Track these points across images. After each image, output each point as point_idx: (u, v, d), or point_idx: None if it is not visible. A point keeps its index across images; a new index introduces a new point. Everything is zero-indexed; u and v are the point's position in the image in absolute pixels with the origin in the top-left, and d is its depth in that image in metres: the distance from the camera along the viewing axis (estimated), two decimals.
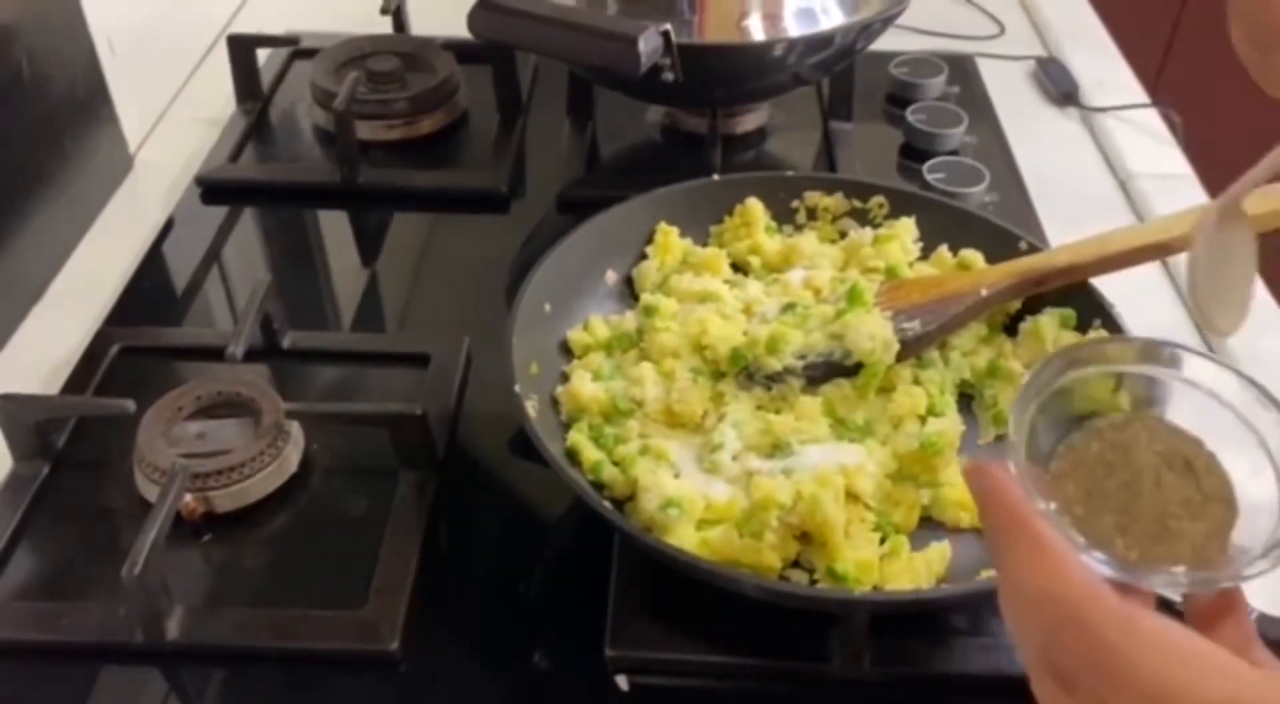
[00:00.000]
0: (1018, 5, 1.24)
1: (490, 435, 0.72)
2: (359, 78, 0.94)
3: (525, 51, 1.01)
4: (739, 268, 0.77)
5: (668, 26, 0.75)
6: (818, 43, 0.85)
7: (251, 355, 0.71)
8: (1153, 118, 1.04)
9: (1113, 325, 0.67)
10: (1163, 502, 0.37)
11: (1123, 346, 0.41)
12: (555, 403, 0.67)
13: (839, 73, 0.96)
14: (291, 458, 0.67)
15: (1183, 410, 0.39)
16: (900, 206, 0.78)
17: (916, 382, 0.67)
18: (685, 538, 0.59)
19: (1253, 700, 0.29)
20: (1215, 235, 0.37)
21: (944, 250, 0.75)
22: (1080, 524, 0.36)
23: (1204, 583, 0.35)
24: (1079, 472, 0.38)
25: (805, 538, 0.59)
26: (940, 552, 0.60)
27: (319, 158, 0.97)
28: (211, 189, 0.93)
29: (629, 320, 0.72)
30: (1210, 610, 0.35)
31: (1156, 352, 0.40)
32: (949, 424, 0.64)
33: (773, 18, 0.87)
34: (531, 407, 0.62)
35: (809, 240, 0.77)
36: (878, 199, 0.78)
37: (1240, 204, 0.39)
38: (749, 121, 1.00)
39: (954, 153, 0.96)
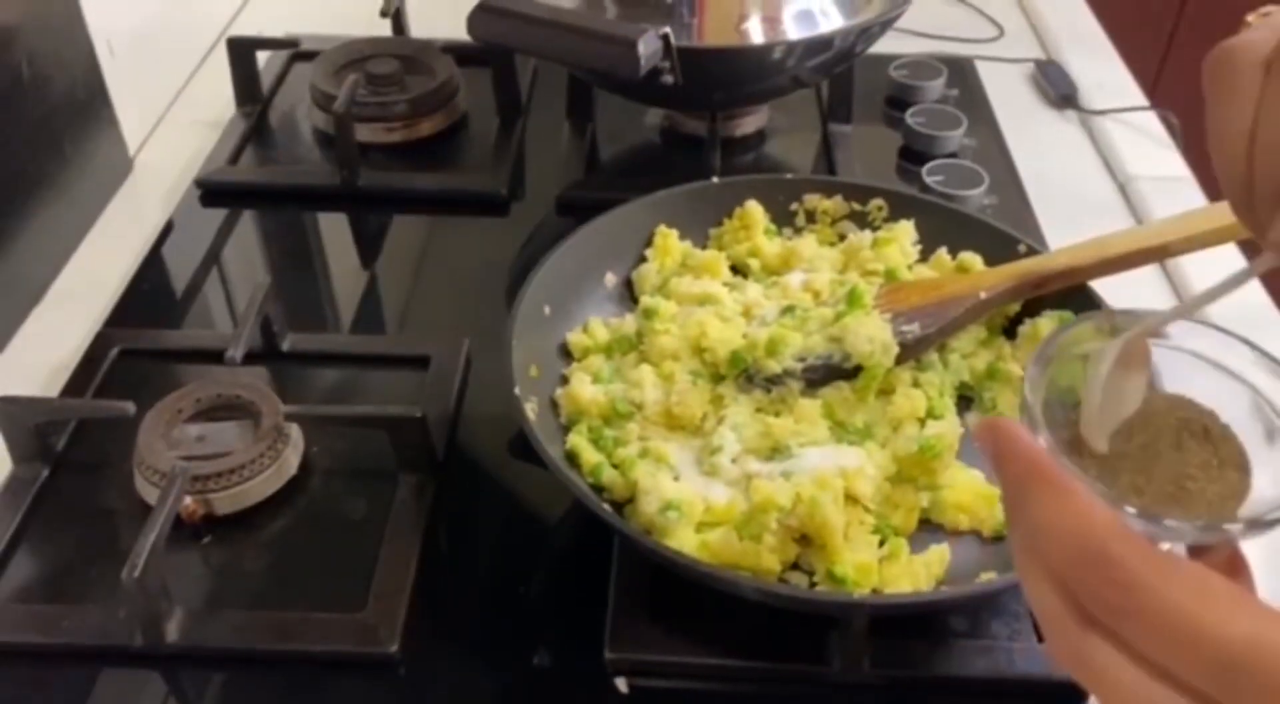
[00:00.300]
0: (1016, 8, 1.24)
1: (490, 437, 0.72)
2: (359, 80, 0.94)
3: (525, 54, 1.01)
4: (738, 270, 0.77)
5: (667, 30, 0.75)
6: (817, 46, 0.86)
7: (251, 358, 0.71)
8: (1151, 120, 1.05)
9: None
10: (1181, 463, 0.37)
11: (1133, 318, 0.41)
12: (555, 405, 0.67)
13: (838, 75, 0.96)
14: (291, 460, 0.67)
15: (1194, 383, 0.39)
16: (899, 209, 0.78)
17: (916, 384, 0.67)
18: (685, 540, 0.59)
19: (1276, 637, 0.28)
20: (1114, 375, 0.38)
21: (943, 253, 0.75)
22: (1098, 481, 0.36)
23: (1220, 533, 0.35)
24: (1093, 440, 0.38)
25: (805, 540, 0.59)
26: (939, 554, 0.60)
27: (319, 160, 0.97)
28: (211, 191, 0.93)
29: (628, 323, 0.72)
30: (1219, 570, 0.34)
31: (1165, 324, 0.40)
32: (948, 427, 0.64)
33: (772, 21, 0.87)
34: (531, 409, 0.63)
35: (808, 243, 0.77)
36: (877, 202, 0.79)
37: (1140, 347, 0.39)
38: (748, 124, 1.00)
39: (953, 155, 0.97)
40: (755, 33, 0.87)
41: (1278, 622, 0.29)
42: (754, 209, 0.78)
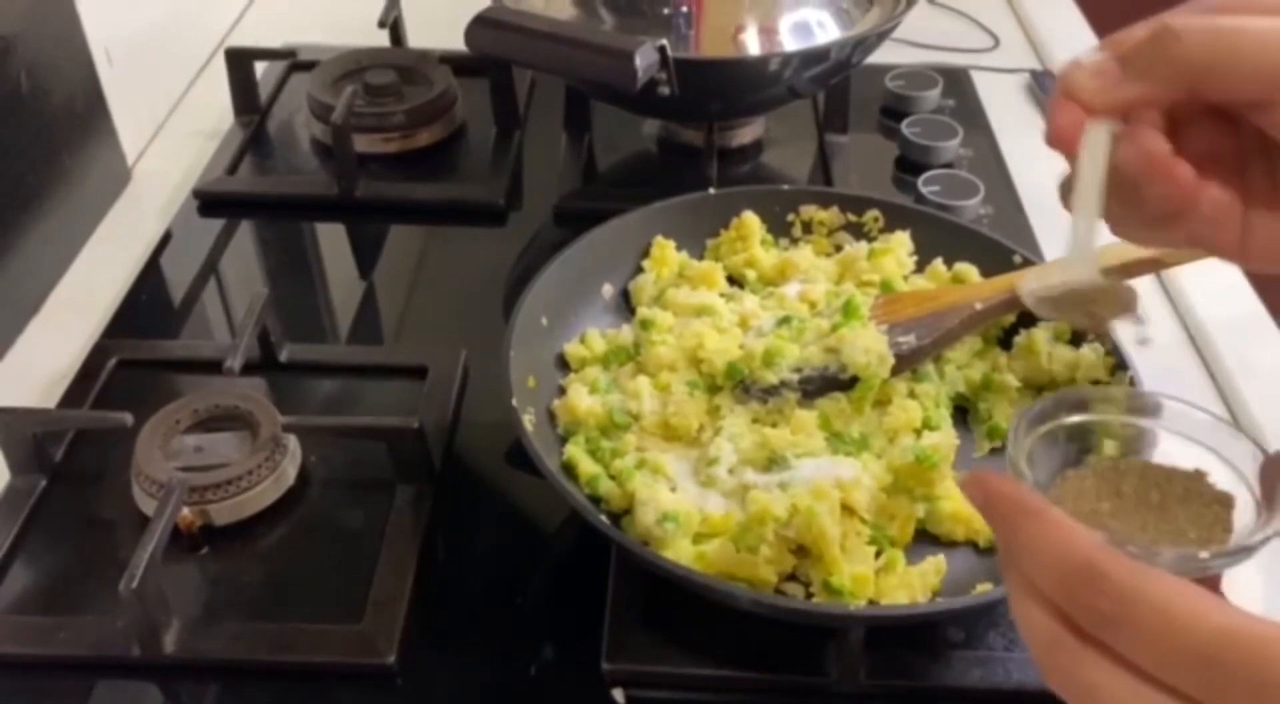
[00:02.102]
0: (1012, 18, 1.25)
1: (487, 447, 0.72)
2: (356, 91, 0.94)
3: (522, 67, 1.01)
4: (735, 281, 0.78)
5: (664, 42, 0.75)
6: (813, 57, 0.86)
7: (249, 368, 0.71)
8: None
9: (1106, 339, 0.68)
10: (1166, 500, 0.39)
11: (1117, 394, 0.43)
12: (552, 416, 0.68)
13: (835, 86, 0.97)
14: (289, 471, 0.67)
15: (1170, 457, 0.41)
16: (895, 220, 0.78)
17: (912, 395, 0.68)
18: (682, 551, 0.59)
19: (1249, 631, 0.30)
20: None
21: (939, 264, 0.76)
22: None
23: (1195, 563, 0.36)
24: (1078, 497, 0.39)
25: (801, 551, 0.60)
26: (935, 565, 0.60)
27: (316, 170, 0.98)
28: (209, 201, 0.93)
29: (625, 334, 0.72)
30: None
31: (1142, 402, 0.43)
32: (944, 437, 0.64)
33: (768, 32, 0.88)
34: (528, 420, 0.63)
35: (804, 254, 0.77)
36: (872, 213, 0.79)
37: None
38: (745, 134, 1.00)
39: (949, 165, 0.97)
40: (752, 44, 0.88)
41: (1251, 618, 0.31)
42: (750, 220, 0.78)
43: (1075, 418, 0.41)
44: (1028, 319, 0.72)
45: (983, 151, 1.00)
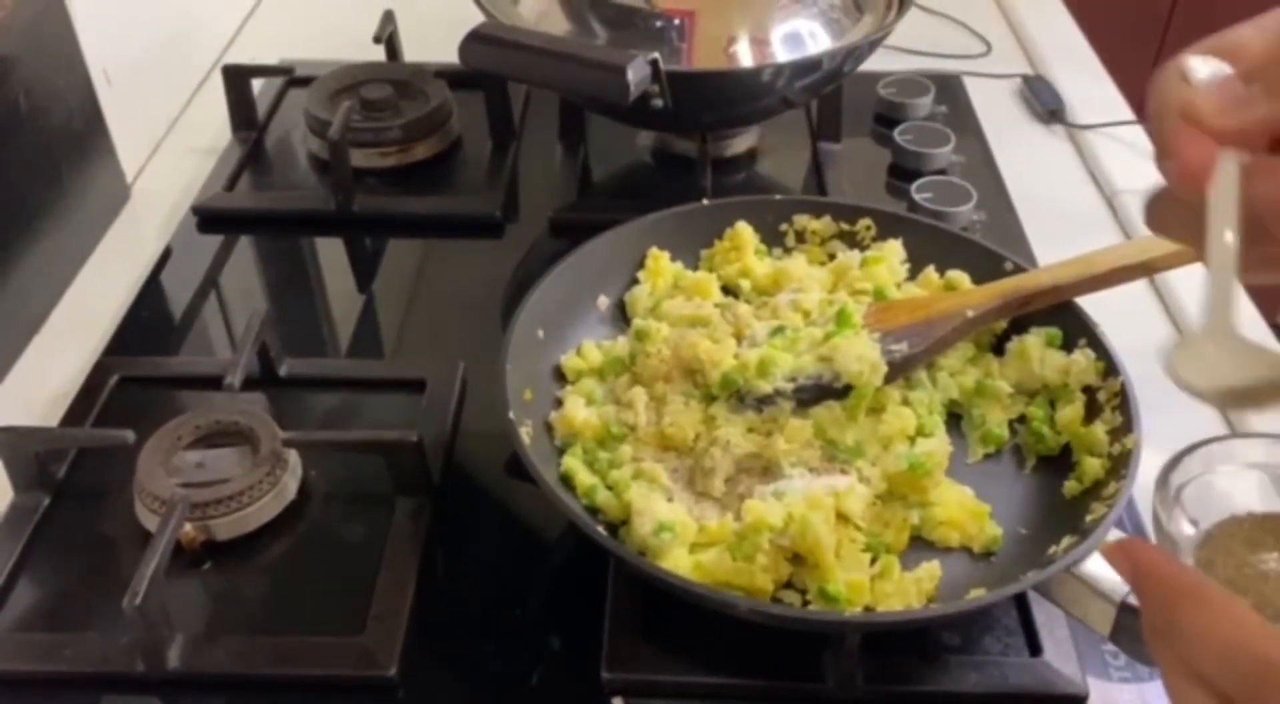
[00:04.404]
0: (1004, 24, 1.26)
1: (486, 459, 0.73)
2: (353, 106, 0.95)
3: (516, 82, 1.02)
4: (729, 291, 0.78)
5: (656, 55, 0.76)
6: (805, 67, 0.87)
7: (249, 384, 0.72)
8: (1138, 134, 1.05)
9: (1098, 344, 0.68)
10: None
11: (1253, 442, 0.42)
12: (549, 428, 0.68)
13: (827, 95, 0.97)
14: (289, 486, 0.68)
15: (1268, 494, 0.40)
16: (887, 229, 0.79)
17: (905, 402, 0.68)
18: (678, 561, 0.59)
19: None
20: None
21: (931, 271, 0.76)
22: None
23: None
24: (1227, 555, 0.38)
25: (797, 559, 0.60)
26: (930, 571, 0.60)
27: (314, 186, 0.98)
28: (208, 218, 0.94)
29: (621, 345, 0.73)
30: None
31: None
32: (938, 444, 0.65)
33: (760, 43, 0.88)
34: (526, 433, 0.63)
35: (798, 263, 0.78)
36: (865, 221, 0.79)
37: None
38: (739, 144, 1.01)
39: (942, 172, 0.97)
40: (744, 56, 0.88)
41: None
42: (744, 230, 0.78)
43: (1219, 469, 0.40)
44: (1019, 325, 0.72)
45: (975, 158, 1.01)
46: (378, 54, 1.07)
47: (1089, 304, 0.71)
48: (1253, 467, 0.40)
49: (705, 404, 0.68)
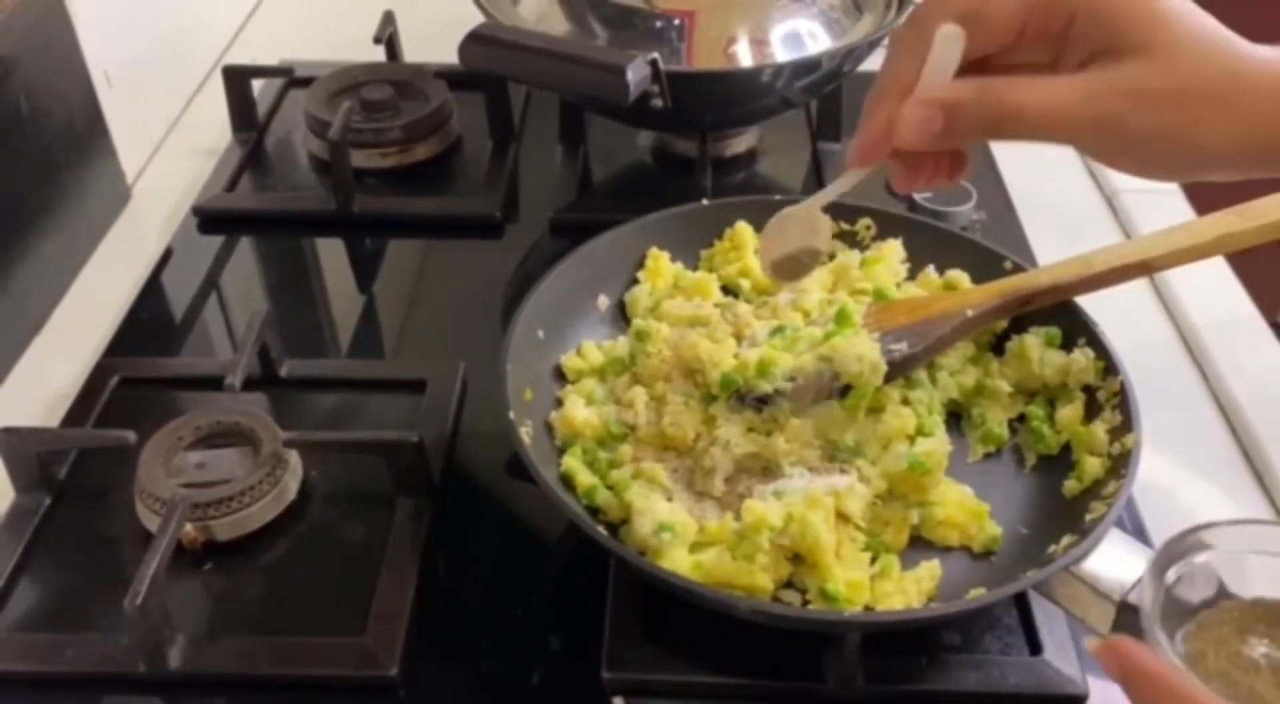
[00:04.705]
0: None
1: (486, 459, 0.73)
2: (353, 106, 0.95)
3: (516, 82, 1.02)
4: (729, 291, 0.78)
5: (655, 56, 0.76)
6: (805, 67, 0.87)
7: (250, 384, 0.72)
8: None
9: (1097, 344, 0.68)
10: None
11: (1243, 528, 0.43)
12: (549, 428, 0.68)
13: (827, 94, 0.97)
14: (290, 486, 0.68)
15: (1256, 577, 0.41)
16: (887, 228, 0.79)
17: (905, 402, 0.68)
18: (678, 561, 0.59)
19: None
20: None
21: (930, 271, 0.76)
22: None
23: None
24: (1218, 645, 0.39)
25: (797, 559, 0.60)
26: (930, 570, 0.60)
27: (314, 186, 0.98)
28: (208, 219, 0.94)
29: (621, 345, 0.73)
30: None
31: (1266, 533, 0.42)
32: (937, 444, 0.65)
33: (760, 44, 0.88)
34: (526, 433, 0.63)
35: None
36: (865, 221, 0.80)
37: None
38: (739, 144, 1.01)
39: None
40: (744, 56, 0.88)
41: None
42: (744, 230, 0.78)
43: (1201, 557, 0.41)
44: (1019, 324, 0.72)
45: (975, 156, 1.00)
46: (378, 54, 1.08)
47: (1089, 304, 0.71)
48: (1241, 552, 0.41)
49: (705, 404, 0.68)
